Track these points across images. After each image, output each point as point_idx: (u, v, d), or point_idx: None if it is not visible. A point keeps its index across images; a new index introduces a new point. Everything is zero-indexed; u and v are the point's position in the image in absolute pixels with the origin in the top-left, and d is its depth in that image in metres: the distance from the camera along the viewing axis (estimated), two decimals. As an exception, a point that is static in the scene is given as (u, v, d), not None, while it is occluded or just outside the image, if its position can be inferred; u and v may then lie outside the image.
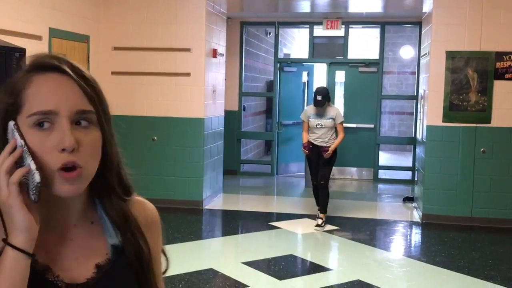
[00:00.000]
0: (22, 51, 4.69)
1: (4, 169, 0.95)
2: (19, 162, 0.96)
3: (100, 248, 1.08)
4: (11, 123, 0.99)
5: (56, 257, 1.04)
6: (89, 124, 1.01)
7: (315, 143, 6.55)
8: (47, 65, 1.02)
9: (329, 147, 6.45)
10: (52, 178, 0.97)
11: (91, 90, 1.03)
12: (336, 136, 6.58)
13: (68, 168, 0.97)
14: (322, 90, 6.63)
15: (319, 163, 6.53)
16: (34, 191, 0.95)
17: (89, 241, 1.08)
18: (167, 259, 1.21)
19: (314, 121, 6.56)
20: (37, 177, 0.94)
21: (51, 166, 0.97)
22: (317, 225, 6.51)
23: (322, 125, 6.52)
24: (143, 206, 1.18)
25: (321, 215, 6.59)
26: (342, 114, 6.87)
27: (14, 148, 0.97)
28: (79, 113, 1.00)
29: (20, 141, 0.97)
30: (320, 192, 6.58)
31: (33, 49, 5.24)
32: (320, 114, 6.56)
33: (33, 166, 0.95)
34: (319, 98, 6.50)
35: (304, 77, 11.04)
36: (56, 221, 1.06)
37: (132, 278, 1.08)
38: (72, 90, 1.00)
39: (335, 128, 6.56)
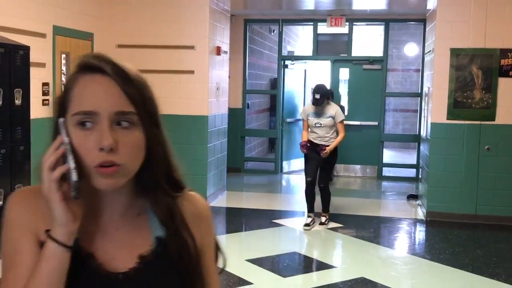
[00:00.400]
0: (26, 48, 4.71)
1: (47, 165, 1.00)
2: (64, 159, 1.01)
3: (144, 240, 1.11)
4: (60, 120, 1.03)
5: (101, 246, 1.08)
6: (130, 124, 1.04)
7: (315, 141, 6.36)
8: (90, 66, 1.04)
9: (327, 146, 6.29)
10: (91, 173, 1.01)
11: (134, 91, 1.04)
12: (337, 135, 6.38)
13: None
14: (321, 88, 6.36)
15: (319, 161, 6.35)
16: (73, 189, 1.00)
17: (134, 232, 1.11)
18: (222, 254, 1.24)
19: (313, 120, 6.36)
20: (74, 176, 1.00)
21: (89, 163, 1.01)
22: (321, 223, 6.49)
23: (321, 124, 6.32)
24: (193, 201, 1.20)
25: (324, 214, 6.57)
26: (344, 113, 6.77)
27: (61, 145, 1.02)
28: (118, 114, 1.02)
29: (65, 139, 1.01)
30: (321, 193, 6.50)
31: (37, 46, 5.26)
32: (319, 112, 6.34)
33: (72, 165, 1.00)
34: (317, 96, 6.26)
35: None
36: (102, 212, 1.10)
37: (174, 270, 1.10)
38: (112, 91, 1.03)
39: (336, 127, 6.38)
